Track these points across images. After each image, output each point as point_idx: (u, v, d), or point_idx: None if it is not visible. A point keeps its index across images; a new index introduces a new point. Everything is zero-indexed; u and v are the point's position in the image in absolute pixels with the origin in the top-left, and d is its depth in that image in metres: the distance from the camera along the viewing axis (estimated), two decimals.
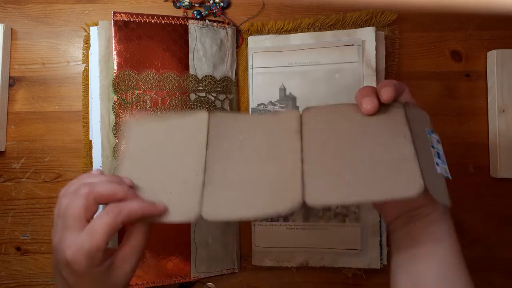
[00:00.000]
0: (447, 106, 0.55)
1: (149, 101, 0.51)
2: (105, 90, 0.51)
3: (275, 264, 0.53)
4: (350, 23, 0.54)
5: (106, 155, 0.50)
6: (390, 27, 0.55)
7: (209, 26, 0.53)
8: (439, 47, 0.55)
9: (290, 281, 0.54)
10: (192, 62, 0.52)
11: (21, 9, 0.56)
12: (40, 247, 0.55)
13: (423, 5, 0.56)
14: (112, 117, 0.50)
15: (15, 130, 0.56)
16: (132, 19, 0.51)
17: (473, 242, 0.54)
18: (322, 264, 0.52)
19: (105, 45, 0.51)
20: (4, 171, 0.55)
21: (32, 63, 0.56)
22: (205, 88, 0.52)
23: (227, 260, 0.53)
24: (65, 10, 0.56)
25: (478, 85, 0.55)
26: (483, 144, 0.55)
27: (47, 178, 0.55)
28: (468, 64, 0.55)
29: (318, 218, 0.52)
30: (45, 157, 0.55)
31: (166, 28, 0.52)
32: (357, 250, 0.51)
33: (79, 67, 0.56)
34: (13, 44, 0.56)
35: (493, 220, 0.54)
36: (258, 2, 0.56)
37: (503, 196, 0.54)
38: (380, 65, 0.53)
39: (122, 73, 0.50)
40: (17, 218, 0.55)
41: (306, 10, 0.56)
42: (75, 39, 0.56)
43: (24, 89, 0.56)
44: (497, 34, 0.55)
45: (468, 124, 0.55)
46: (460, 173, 0.55)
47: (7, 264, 0.55)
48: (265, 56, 0.54)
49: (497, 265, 0.54)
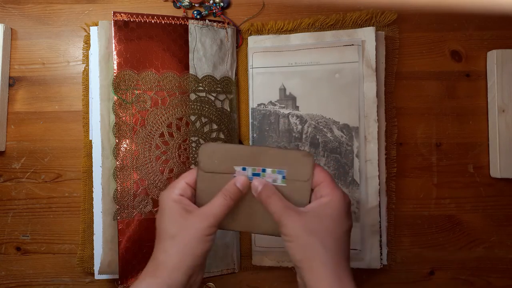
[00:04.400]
0: (447, 106, 0.55)
1: (149, 101, 0.51)
2: (105, 90, 0.51)
3: (275, 264, 0.53)
4: (350, 23, 0.54)
5: (106, 155, 0.50)
6: (390, 27, 0.55)
7: (209, 26, 0.53)
8: (439, 47, 0.55)
9: (290, 281, 0.54)
10: (192, 62, 0.52)
11: (21, 9, 0.56)
12: (40, 247, 0.55)
13: (423, 5, 0.56)
14: (112, 117, 0.50)
15: (15, 130, 0.56)
16: (132, 19, 0.51)
17: (473, 242, 0.54)
18: None
19: (105, 45, 0.51)
20: (4, 171, 0.55)
21: (32, 63, 0.56)
22: (205, 88, 0.52)
23: (227, 260, 0.53)
24: (65, 10, 0.56)
25: (478, 85, 0.55)
26: (483, 144, 0.55)
27: (47, 178, 0.55)
28: (468, 64, 0.55)
29: None
30: (45, 157, 0.55)
31: (166, 28, 0.52)
32: (357, 250, 0.51)
33: (79, 67, 0.56)
34: (13, 44, 0.56)
35: (493, 220, 0.54)
36: (258, 2, 0.56)
37: (503, 196, 0.54)
38: (380, 65, 0.53)
39: (122, 73, 0.50)
40: (17, 218, 0.55)
41: (306, 10, 0.56)
42: (75, 39, 0.56)
43: (24, 89, 0.56)
44: (497, 34, 0.55)
45: (468, 124, 0.55)
46: (460, 173, 0.55)
47: (7, 264, 0.55)
48: (265, 56, 0.54)
49: (497, 265, 0.54)
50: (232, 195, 0.39)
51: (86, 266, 0.53)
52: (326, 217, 0.36)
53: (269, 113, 0.54)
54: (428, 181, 0.55)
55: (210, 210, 0.38)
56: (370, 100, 0.52)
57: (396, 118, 0.54)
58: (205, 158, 0.39)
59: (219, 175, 0.39)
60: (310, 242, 0.35)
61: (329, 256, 0.34)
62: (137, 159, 0.50)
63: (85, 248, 0.53)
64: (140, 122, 0.50)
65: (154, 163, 0.50)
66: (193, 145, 0.52)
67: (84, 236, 0.53)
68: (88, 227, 0.53)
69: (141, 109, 0.50)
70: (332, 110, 0.53)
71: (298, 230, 0.35)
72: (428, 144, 0.55)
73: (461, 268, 0.54)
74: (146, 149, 0.50)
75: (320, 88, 0.53)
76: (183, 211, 0.38)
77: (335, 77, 0.53)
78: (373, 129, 0.51)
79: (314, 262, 0.34)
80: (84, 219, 0.53)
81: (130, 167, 0.50)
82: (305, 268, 0.35)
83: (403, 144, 0.55)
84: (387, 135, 0.53)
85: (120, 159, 0.50)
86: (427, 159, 0.55)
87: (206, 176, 0.39)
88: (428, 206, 0.55)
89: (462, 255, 0.54)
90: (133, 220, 0.49)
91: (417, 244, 0.54)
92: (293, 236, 0.36)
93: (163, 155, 0.51)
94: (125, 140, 0.50)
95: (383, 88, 0.53)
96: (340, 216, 0.36)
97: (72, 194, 0.55)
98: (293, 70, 0.53)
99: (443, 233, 0.54)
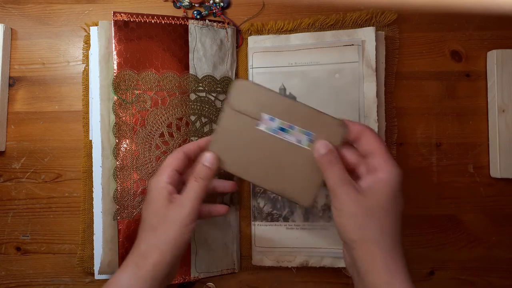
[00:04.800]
0: (447, 106, 0.55)
1: (149, 101, 0.51)
2: (105, 90, 0.51)
3: (275, 264, 0.53)
4: (350, 23, 0.54)
5: (106, 155, 0.50)
6: (390, 27, 0.55)
7: (209, 26, 0.53)
8: (439, 47, 0.55)
9: (290, 281, 0.54)
10: (192, 62, 0.52)
11: (21, 9, 0.56)
12: (40, 247, 0.55)
13: (423, 5, 0.56)
14: (112, 117, 0.50)
15: (15, 130, 0.56)
16: (132, 19, 0.51)
17: (473, 242, 0.54)
18: (322, 264, 0.52)
19: (105, 45, 0.51)
20: (4, 171, 0.55)
21: (32, 63, 0.56)
22: (205, 88, 0.52)
23: (227, 260, 0.53)
24: (65, 10, 0.56)
25: (478, 85, 0.55)
26: (483, 144, 0.55)
27: (47, 178, 0.55)
28: (468, 64, 0.55)
29: (318, 218, 0.52)
30: (45, 157, 0.55)
31: (166, 28, 0.52)
32: None
33: (79, 67, 0.56)
34: (13, 44, 0.56)
35: (493, 220, 0.54)
36: (258, 2, 0.56)
37: (503, 196, 0.54)
38: (380, 65, 0.53)
39: (122, 73, 0.50)
40: (17, 218, 0.55)
41: (306, 10, 0.56)
42: (75, 39, 0.56)
43: (24, 89, 0.56)
44: (497, 34, 0.55)
45: (468, 124, 0.55)
46: (460, 173, 0.55)
47: (7, 264, 0.55)
48: (265, 56, 0.54)
49: (497, 265, 0.54)
50: (203, 175, 0.39)
51: (86, 266, 0.53)
52: (383, 196, 0.34)
53: None
54: (428, 181, 0.55)
55: (185, 199, 0.38)
56: (370, 100, 0.52)
57: (396, 118, 0.54)
58: (236, 94, 0.37)
59: (244, 117, 0.38)
60: (367, 223, 0.34)
61: (386, 238, 0.33)
62: (137, 159, 0.50)
63: (85, 248, 0.53)
64: (140, 122, 0.50)
65: (154, 163, 0.50)
66: None
67: (84, 236, 0.53)
68: (88, 227, 0.53)
69: (141, 109, 0.50)
70: (332, 110, 0.52)
71: (354, 208, 0.34)
72: (428, 144, 0.55)
73: (461, 268, 0.54)
74: (146, 149, 0.50)
75: (320, 88, 0.53)
76: (166, 201, 0.38)
77: (335, 77, 0.53)
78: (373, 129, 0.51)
79: (370, 244, 0.33)
80: (84, 219, 0.53)
81: (130, 167, 0.50)
82: (358, 248, 0.34)
83: (403, 144, 0.55)
84: (387, 135, 0.53)
85: (120, 159, 0.50)
86: (427, 159, 0.55)
87: (232, 114, 0.38)
88: (428, 206, 0.55)
89: (462, 255, 0.54)
90: (133, 220, 0.49)
91: (417, 244, 0.54)
92: (348, 213, 0.34)
93: (163, 155, 0.51)
94: (125, 140, 0.50)
95: (383, 88, 0.53)
96: (396, 195, 0.35)
97: (72, 194, 0.55)
98: (293, 70, 0.53)
99: (443, 233, 0.54)
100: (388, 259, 0.33)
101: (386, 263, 0.33)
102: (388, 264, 0.33)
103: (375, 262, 0.33)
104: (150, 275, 0.37)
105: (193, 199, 0.38)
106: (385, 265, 0.33)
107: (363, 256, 0.34)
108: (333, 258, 0.52)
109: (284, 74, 0.53)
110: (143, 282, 0.36)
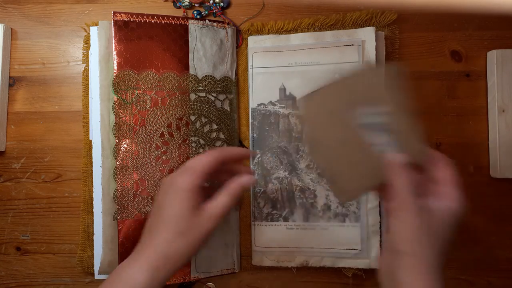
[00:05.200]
0: (447, 106, 0.55)
1: (149, 101, 0.51)
2: (105, 90, 0.51)
3: (275, 264, 0.53)
4: (350, 23, 0.54)
5: (106, 155, 0.50)
6: (390, 27, 0.55)
7: (209, 26, 0.53)
8: (439, 47, 0.55)
9: (290, 281, 0.54)
10: (192, 62, 0.52)
11: (21, 9, 0.56)
12: (40, 247, 0.55)
13: (423, 5, 0.56)
14: (112, 117, 0.50)
15: (15, 130, 0.56)
16: (132, 19, 0.51)
17: (473, 242, 0.54)
18: (322, 264, 0.52)
19: (105, 45, 0.51)
20: (4, 171, 0.55)
21: (32, 63, 0.56)
22: (205, 88, 0.52)
23: (227, 260, 0.53)
24: (65, 10, 0.56)
25: (478, 85, 0.55)
26: (483, 144, 0.55)
27: (47, 178, 0.55)
28: (468, 64, 0.55)
29: (318, 218, 0.52)
30: (45, 157, 0.55)
31: (166, 28, 0.52)
32: (357, 250, 0.51)
33: (79, 67, 0.56)
34: (13, 44, 0.56)
35: (493, 220, 0.54)
36: (258, 2, 0.56)
37: (503, 196, 0.54)
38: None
39: (122, 73, 0.50)
40: (17, 218, 0.55)
41: (306, 10, 0.56)
42: (75, 39, 0.56)
43: (24, 89, 0.56)
44: (497, 34, 0.55)
45: (468, 124, 0.55)
46: (460, 173, 0.55)
47: (7, 264, 0.55)
48: (265, 56, 0.54)
49: (497, 265, 0.54)
50: (236, 193, 0.39)
51: (86, 266, 0.53)
52: (446, 222, 0.36)
53: (269, 113, 0.54)
54: None
55: (215, 211, 0.39)
56: None
57: None
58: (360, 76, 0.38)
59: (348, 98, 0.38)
60: (425, 240, 0.35)
61: (435, 260, 0.35)
62: (137, 159, 0.50)
63: (85, 248, 0.53)
64: (140, 122, 0.50)
65: (154, 163, 0.50)
66: (193, 145, 0.52)
67: (84, 236, 0.53)
68: (88, 227, 0.53)
69: (141, 109, 0.50)
70: None
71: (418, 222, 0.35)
72: (428, 144, 0.55)
73: (461, 268, 0.54)
74: (146, 149, 0.50)
75: None
76: (193, 207, 0.38)
77: (335, 77, 0.52)
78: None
79: (420, 260, 0.34)
80: (84, 219, 0.53)
81: (130, 167, 0.50)
82: (407, 260, 0.35)
83: None
84: None
85: (120, 159, 0.50)
86: None
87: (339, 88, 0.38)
88: None
89: (462, 255, 0.54)
90: (133, 220, 0.49)
91: None
92: (411, 224, 0.35)
93: (163, 155, 0.51)
94: (125, 140, 0.50)
95: None
96: (453, 225, 0.36)
97: (72, 194, 0.55)
98: (293, 70, 0.53)
99: None
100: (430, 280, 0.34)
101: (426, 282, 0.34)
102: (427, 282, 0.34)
103: (417, 278, 0.34)
104: (166, 278, 0.38)
105: (219, 215, 0.39)
106: (425, 283, 0.34)
107: (408, 268, 0.35)
108: (333, 258, 0.52)
109: (284, 74, 0.53)
110: (158, 285, 0.37)
